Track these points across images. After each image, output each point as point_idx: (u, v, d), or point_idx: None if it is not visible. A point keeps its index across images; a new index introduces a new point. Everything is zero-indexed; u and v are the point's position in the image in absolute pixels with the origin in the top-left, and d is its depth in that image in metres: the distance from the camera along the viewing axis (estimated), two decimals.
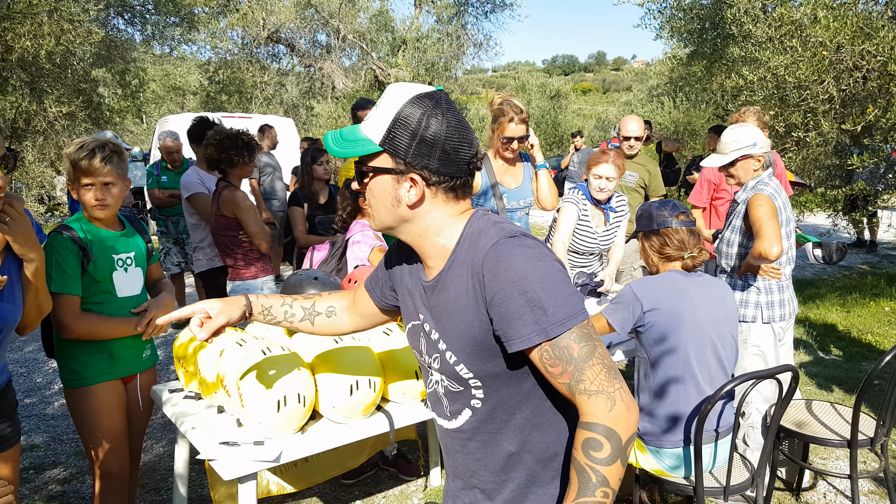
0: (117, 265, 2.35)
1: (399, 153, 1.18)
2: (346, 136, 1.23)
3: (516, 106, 3.24)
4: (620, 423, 1.12)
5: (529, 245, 1.18)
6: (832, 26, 4.68)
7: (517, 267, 1.15)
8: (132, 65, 12.18)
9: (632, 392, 1.76)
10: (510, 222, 1.26)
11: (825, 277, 7.84)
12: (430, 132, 1.17)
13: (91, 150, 2.21)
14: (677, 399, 2.32)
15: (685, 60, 10.34)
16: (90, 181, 2.22)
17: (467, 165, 1.21)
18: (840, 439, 2.67)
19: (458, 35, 16.62)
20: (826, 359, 5.03)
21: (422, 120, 1.16)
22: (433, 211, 1.23)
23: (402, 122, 1.17)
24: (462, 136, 1.20)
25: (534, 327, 1.14)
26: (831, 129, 4.97)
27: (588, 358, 1.15)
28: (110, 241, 2.34)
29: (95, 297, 2.29)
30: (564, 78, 52.69)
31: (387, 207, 1.23)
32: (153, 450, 3.68)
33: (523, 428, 1.28)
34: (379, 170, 1.21)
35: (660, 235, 2.43)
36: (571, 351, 1.14)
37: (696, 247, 2.41)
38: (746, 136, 2.92)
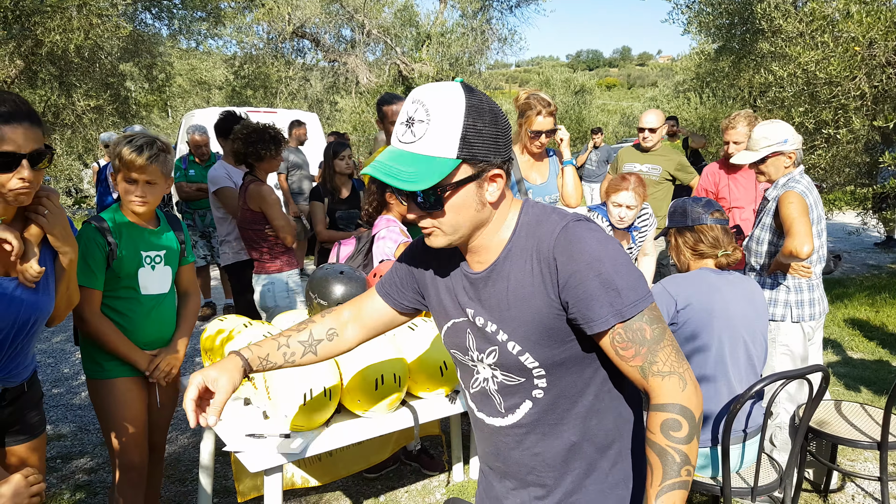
0: (145, 262, 2.32)
1: (478, 157, 1.14)
2: (408, 164, 1.12)
3: (543, 99, 3.22)
4: (693, 402, 1.15)
5: (596, 228, 1.21)
6: (865, 21, 4.58)
7: (590, 249, 1.16)
8: (159, 59, 12.34)
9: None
10: (565, 210, 1.27)
11: (854, 277, 7.70)
12: (491, 126, 1.15)
13: (139, 147, 2.18)
14: (708, 397, 2.29)
15: (713, 56, 10.18)
16: (134, 177, 2.20)
17: (510, 143, 1.22)
18: (870, 441, 2.63)
19: (483, 30, 16.56)
20: (854, 359, 4.94)
21: (484, 117, 1.14)
22: (502, 203, 1.23)
23: (472, 124, 1.13)
24: (504, 117, 1.20)
25: (609, 309, 1.15)
26: (862, 127, 4.87)
27: (660, 340, 1.17)
28: (141, 237, 2.32)
29: (118, 291, 2.28)
30: (589, 73, 52.24)
31: (470, 217, 1.19)
32: (178, 441, 3.74)
33: (584, 416, 1.28)
34: (462, 182, 1.15)
35: (694, 232, 2.39)
36: (644, 333, 1.16)
37: (731, 245, 2.38)
38: (777, 133, 2.87)
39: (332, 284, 2.36)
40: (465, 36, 16.16)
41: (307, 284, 2.45)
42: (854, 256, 8.98)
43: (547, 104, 3.21)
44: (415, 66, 15.83)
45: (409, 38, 16.74)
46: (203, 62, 19.09)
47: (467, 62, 16.31)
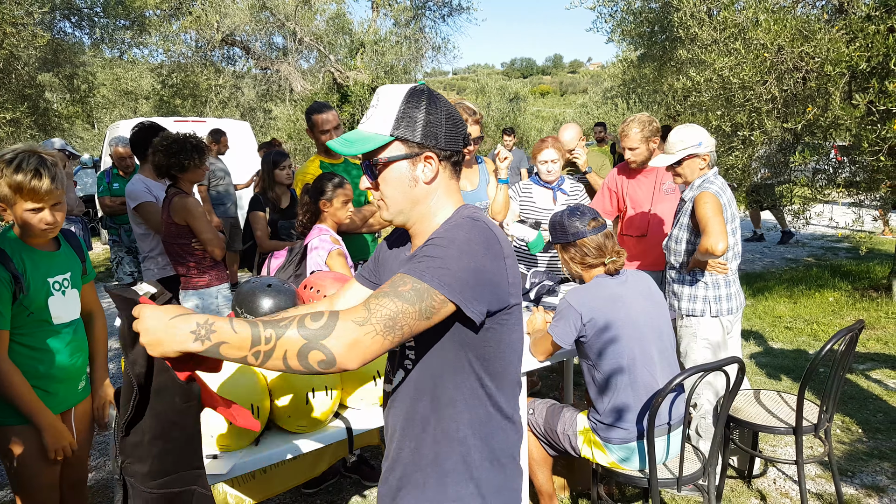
0: (53, 289, 2.13)
1: (410, 138, 1.30)
2: (352, 138, 1.33)
3: (469, 108, 3.28)
4: (338, 346, 1.11)
5: (480, 229, 1.28)
6: (773, 29, 4.85)
7: (451, 231, 1.26)
8: (80, 69, 11.85)
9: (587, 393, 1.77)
10: (492, 222, 1.35)
11: (773, 271, 8.11)
12: (433, 114, 1.31)
13: (35, 170, 1.97)
14: (626, 395, 2.38)
15: (636, 63, 10.56)
16: (39, 205, 2.01)
17: (463, 140, 1.37)
18: (786, 427, 2.77)
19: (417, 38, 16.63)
20: (775, 349, 5.20)
21: (425, 107, 1.31)
22: (440, 188, 1.35)
23: (409, 110, 1.30)
24: (456, 117, 1.36)
25: (412, 261, 1.22)
26: (774, 128, 5.15)
27: (401, 299, 1.16)
28: (45, 263, 2.13)
29: (28, 326, 2.08)
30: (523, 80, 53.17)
31: (403, 191, 1.34)
32: (105, 467, 3.59)
33: (441, 401, 1.33)
34: (394, 158, 1.32)
35: (577, 247, 2.49)
36: (404, 286, 1.18)
37: (614, 250, 2.47)
38: (692, 136, 3.01)
39: (259, 298, 2.33)
40: (399, 44, 16.18)
41: (233, 299, 2.40)
42: (773, 251, 9.46)
43: (472, 112, 3.27)
44: (349, 74, 15.74)
45: (343, 45, 16.63)
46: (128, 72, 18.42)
47: (402, 70, 16.33)
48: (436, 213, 1.36)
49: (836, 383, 2.76)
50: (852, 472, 3.25)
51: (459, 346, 1.29)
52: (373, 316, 1.14)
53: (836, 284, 7.07)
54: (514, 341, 1.37)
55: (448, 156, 1.35)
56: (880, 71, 4.70)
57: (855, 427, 3.74)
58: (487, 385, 1.33)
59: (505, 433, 1.37)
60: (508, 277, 1.29)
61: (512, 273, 1.31)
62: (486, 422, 1.34)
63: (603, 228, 2.48)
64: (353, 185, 3.64)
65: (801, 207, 6.04)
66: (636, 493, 3.15)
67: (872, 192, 6.16)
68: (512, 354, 1.37)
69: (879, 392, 4.20)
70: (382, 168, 1.33)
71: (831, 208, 9.95)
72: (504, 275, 1.28)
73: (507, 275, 1.29)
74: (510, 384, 1.38)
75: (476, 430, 1.34)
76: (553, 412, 2.69)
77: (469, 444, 1.33)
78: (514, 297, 1.33)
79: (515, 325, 1.36)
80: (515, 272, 1.33)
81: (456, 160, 1.37)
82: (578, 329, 2.38)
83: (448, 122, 1.33)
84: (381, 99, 1.33)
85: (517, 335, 1.38)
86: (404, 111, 1.30)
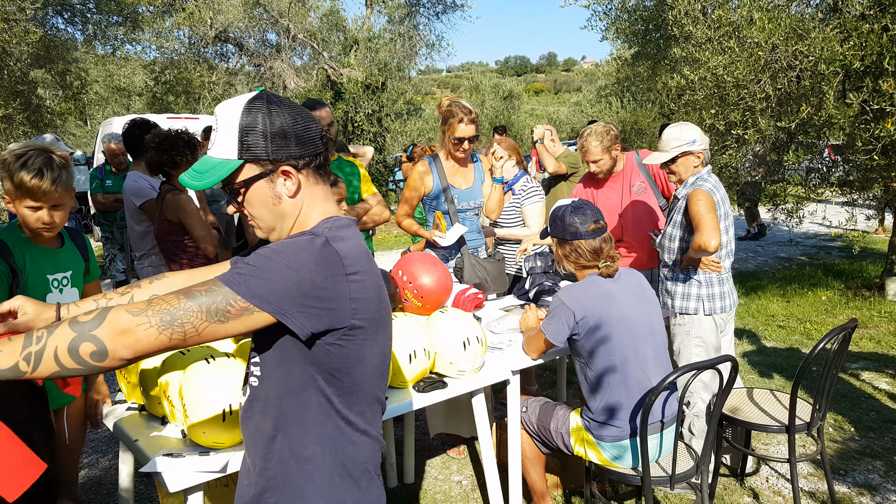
0: (52, 286, 2.14)
1: (261, 156, 1.24)
2: (202, 169, 1.26)
3: (465, 107, 3.27)
4: (113, 328, 1.10)
5: (318, 245, 1.22)
6: (767, 28, 4.85)
7: (283, 244, 1.22)
8: (73, 65, 11.78)
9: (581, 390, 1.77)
10: (352, 232, 1.31)
11: (766, 269, 8.14)
12: (277, 125, 1.24)
13: (38, 170, 1.96)
14: (618, 393, 2.38)
15: (630, 61, 10.57)
16: (37, 204, 2.01)
17: (321, 139, 1.31)
18: (779, 425, 2.78)
19: (411, 35, 16.59)
20: (768, 347, 5.22)
21: (265, 119, 1.24)
22: (306, 198, 1.31)
23: (250, 129, 1.23)
24: (304, 116, 1.29)
25: (227, 271, 1.20)
26: (768, 127, 5.16)
27: (189, 297, 1.14)
28: (46, 260, 2.14)
29: None
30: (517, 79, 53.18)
31: (270, 209, 1.29)
32: (99, 464, 3.57)
33: (287, 420, 1.29)
34: (250, 180, 1.26)
35: (573, 247, 2.47)
36: (202, 286, 1.15)
37: (609, 255, 2.46)
38: (686, 134, 3.01)
39: None
40: (392, 41, 16.14)
41: None
42: (766, 250, 9.50)
43: (468, 111, 3.26)
44: (343, 71, 15.70)
45: (337, 42, 16.59)
46: (121, 68, 18.32)
47: (396, 67, 16.29)
48: (304, 224, 1.32)
49: (828, 382, 2.76)
50: (844, 471, 3.27)
51: (303, 363, 1.24)
52: (151, 309, 1.12)
53: (830, 283, 7.10)
54: (366, 357, 1.29)
55: (307, 163, 1.28)
56: (874, 70, 4.71)
57: (847, 426, 3.75)
58: (335, 401, 1.28)
59: (357, 447, 1.33)
60: (351, 294, 1.23)
61: (358, 289, 1.24)
62: (335, 437, 1.30)
63: (602, 232, 2.46)
64: (346, 182, 3.62)
65: (795, 206, 6.05)
66: (629, 490, 3.15)
67: (866, 191, 6.18)
68: (363, 370, 1.30)
69: (872, 391, 4.22)
70: (243, 192, 1.27)
71: (825, 207, 10.00)
72: (344, 293, 1.22)
73: (350, 292, 1.22)
74: (364, 400, 1.33)
75: (325, 446, 1.29)
76: (546, 410, 2.68)
77: (317, 461, 1.29)
78: (360, 317, 1.25)
79: (368, 342, 1.28)
80: (365, 289, 1.26)
81: (317, 163, 1.31)
82: (571, 327, 2.38)
83: (295, 126, 1.26)
84: (220, 119, 1.26)
85: (374, 350, 1.31)
86: (245, 129, 1.23)
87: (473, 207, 3.50)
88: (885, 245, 7.60)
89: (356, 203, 3.66)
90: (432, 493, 3.22)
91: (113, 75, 18.35)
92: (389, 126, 16.36)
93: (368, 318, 1.27)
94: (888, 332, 5.38)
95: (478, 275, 3.41)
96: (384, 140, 16.45)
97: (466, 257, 3.43)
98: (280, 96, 1.29)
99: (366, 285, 1.26)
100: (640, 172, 3.70)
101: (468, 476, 3.38)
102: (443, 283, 2.79)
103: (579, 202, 2.53)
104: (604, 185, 3.76)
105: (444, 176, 3.40)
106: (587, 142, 3.59)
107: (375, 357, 1.32)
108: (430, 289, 2.76)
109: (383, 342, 1.35)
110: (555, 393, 4.18)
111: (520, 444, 2.73)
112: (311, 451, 1.29)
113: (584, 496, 2.68)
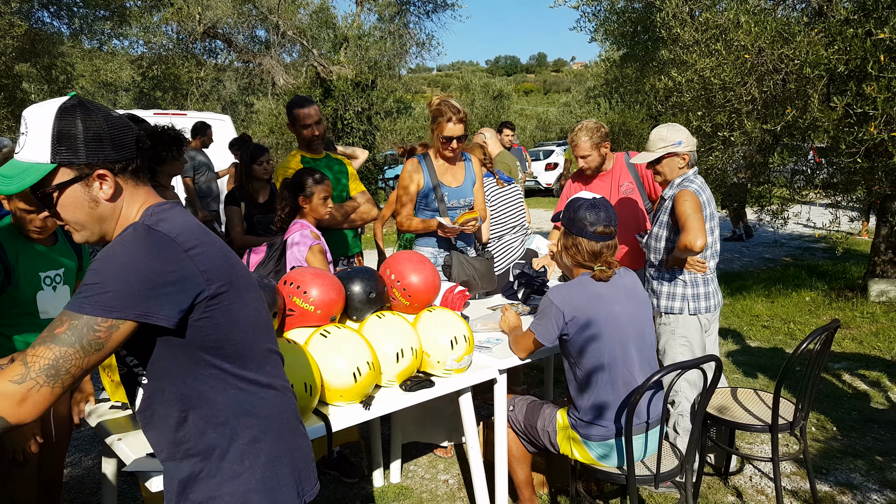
0: (44, 283, 2.13)
1: (76, 160, 1.24)
2: (9, 173, 1.24)
3: (454, 106, 3.28)
4: (9, 401, 1.12)
5: (142, 235, 1.23)
6: (753, 31, 4.90)
7: (111, 249, 1.21)
8: (59, 60, 11.66)
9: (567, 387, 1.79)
10: (175, 212, 1.32)
11: (751, 270, 8.21)
12: (92, 130, 1.24)
13: None
14: (606, 393, 2.39)
15: (619, 62, 10.61)
16: (31, 209, 2.00)
17: (136, 144, 1.32)
18: (762, 424, 2.81)
19: (401, 34, 16.56)
20: (752, 347, 5.27)
21: (79, 123, 1.23)
22: (126, 199, 1.31)
23: (64, 133, 1.23)
24: (119, 121, 1.29)
25: (73, 298, 1.19)
26: (754, 129, 5.20)
27: (58, 343, 1.15)
28: (39, 258, 2.12)
29: (13, 318, 2.07)
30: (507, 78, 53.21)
31: (87, 214, 1.29)
32: (82, 463, 3.54)
33: (189, 397, 1.32)
34: (64, 184, 1.25)
35: (575, 241, 2.47)
36: (61, 326, 1.16)
37: (606, 260, 2.45)
38: (672, 135, 3.03)
39: None
40: (383, 39, 16.11)
41: None
42: (752, 251, 9.58)
43: (457, 111, 3.27)
44: (333, 69, 15.65)
45: (326, 40, 16.53)
46: (108, 63, 18.14)
47: (386, 65, 16.27)
48: (126, 222, 1.32)
49: (811, 382, 2.80)
50: (827, 470, 3.31)
51: (183, 346, 1.27)
52: (31, 370, 1.13)
53: (813, 284, 7.17)
54: (239, 319, 1.34)
55: (123, 167, 1.29)
56: (858, 74, 4.77)
57: (830, 425, 3.80)
58: (228, 368, 1.33)
59: (268, 401, 1.39)
60: (199, 267, 1.26)
61: (204, 261, 1.27)
62: (242, 399, 1.35)
63: (608, 238, 2.44)
64: (335, 180, 3.62)
65: (780, 208, 6.11)
66: (614, 489, 3.18)
67: (849, 193, 6.25)
68: (241, 332, 1.34)
69: (854, 391, 4.28)
70: (56, 196, 1.26)
71: (809, 209, 10.10)
72: (190, 267, 1.25)
73: (197, 265, 1.25)
74: (257, 357, 1.38)
75: (237, 409, 1.35)
76: (533, 409, 2.69)
77: (234, 424, 1.34)
78: (216, 283, 1.28)
79: (235, 305, 1.33)
80: (210, 258, 1.29)
81: (134, 167, 1.31)
82: (560, 327, 2.39)
83: (111, 130, 1.26)
84: (30, 123, 1.24)
85: (246, 311, 1.36)
86: (60, 132, 1.23)
87: (463, 206, 3.51)
88: (867, 246, 7.69)
89: (344, 200, 3.66)
90: (419, 493, 3.23)
91: (99, 70, 18.17)
92: (379, 124, 16.32)
93: (225, 282, 1.30)
94: (870, 332, 5.45)
95: (466, 272, 3.42)
96: (374, 138, 16.41)
97: (455, 255, 3.43)
98: (93, 101, 1.29)
99: (209, 255, 1.29)
100: (629, 173, 3.72)
101: (455, 475, 3.39)
102: (430, 282, 2.80)
103: (600, 200, 2.50)
104: (592, 182, 3.77)
105: (434, 173, 3.40)
106: (577, 136, 3.60)
107: (250, 315, 1.36)
108: (417, 287, 2.76)
109: (253, 300, 1.39)
110: (542, 392, 4.20)
111: (506, 443, 2.74)
112: (224, 417, 1.33)
113: (569, 495, 2.69)
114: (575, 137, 3.62)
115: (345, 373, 2.25)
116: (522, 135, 25.85)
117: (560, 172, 17.86)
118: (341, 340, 2.32)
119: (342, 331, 2.37)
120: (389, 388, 2.45)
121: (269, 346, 1.43)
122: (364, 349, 2.29)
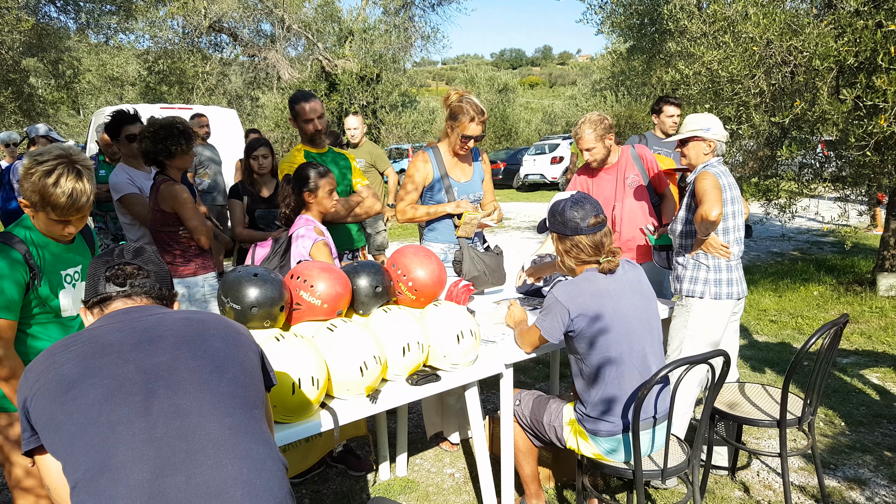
0: (65, 281, 2.14)
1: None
2: None
3: (477, 106, 3.27)
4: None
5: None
6: (762, 23, 4.86)
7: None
8: (66, 54, 11.70)
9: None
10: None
11: (759, 264, 8.17)
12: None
13: (71, 192, 1.93)
14: (613, 388, 2.38)
15: (625, 55, 10.56)
16: (64, 219, 2.01)
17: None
18: (770, 419, 2.79)
19: (406, 27, 16.52)
20: (760, 342, 5.24)
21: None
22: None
23: None
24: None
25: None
26: (762, 122, 5.17)
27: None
28: (59, 256, 2.14)
29: (36, 317, 2.09)
30: (512, 72, 53.08)
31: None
32: None
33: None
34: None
35: (573, 242, 2.43)
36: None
37: (610, 249, 2.42)
38: (703, 122, 3.09)
39: (245, 287, 2.30)
40: (388, 33, 16.08)
41: (219, 288, 2.38)
42: (759, 245, 9.54)
43: (481, 112, 3.28)
44: (338, 63, 15.63)
45: (332, 33, 16.51)
46: (114, 57, 18.19)
47: (391, 59, 16.24)
48: None
49: (820, 377, 2.78)
50: (835, 465, 3.29)
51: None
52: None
53: (821, 278, 7.13)
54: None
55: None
56: (868, 66, 4.72)
57: (838, 420, 3.78)
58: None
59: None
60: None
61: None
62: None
63: (602, 227, 2.42)
64: (339, 175, 3.61)
65: (788, 201, 6.07)
66: (621, 484, 3.17)
67: (858, 186, 6.21)
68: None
69: (862, 386, 4.26)
70: None
71: (817, 203, 10.04)
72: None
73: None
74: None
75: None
76: (539, 403, 2.69)
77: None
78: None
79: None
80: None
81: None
82: (566, 324, 2.38)
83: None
84: None
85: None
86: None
87: (473, 201, 3.50)
88: (876, 241, 7.64)
89: (348, 195, 3.65)
90: (425, 486, 3.23)
91: (106, 64, 18.22)
92: (384, 118, 16.31)
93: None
94: (878, 327, 5.42)
95: (477, 268, 3.41)
96: (378, 132, 16.40)
97: (466, 250, 3.42)
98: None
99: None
100: (635, 166, 3.70)
101: (461, 469, 3.39)
102: (437, 277, 2.79)
103: (578, 195, 2.49)
104: (598, 174, 3.76)
105: (444, 167, 3.40)
106: (581, 129, 3.60)
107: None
108: (423, 282, 2.76)
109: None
110: (548, 386, 4.20)
111: (513, 438, 2.74)
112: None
113: (576, 489, 2.69)
114: (579, 131, 3.62)
115: (351, 366, 2.25)
116: (528, 128, 25.74)
117: (566, 166, 17.85)
118: (348, 334, 2.32)
119: (349, 325, 2.37)
120: (396, 382, 2.45)
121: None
122: (370, 343, 2.29)
